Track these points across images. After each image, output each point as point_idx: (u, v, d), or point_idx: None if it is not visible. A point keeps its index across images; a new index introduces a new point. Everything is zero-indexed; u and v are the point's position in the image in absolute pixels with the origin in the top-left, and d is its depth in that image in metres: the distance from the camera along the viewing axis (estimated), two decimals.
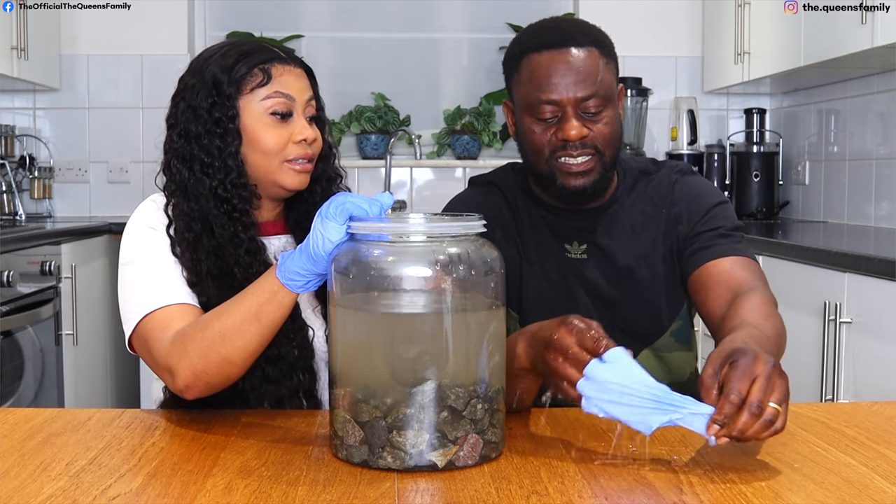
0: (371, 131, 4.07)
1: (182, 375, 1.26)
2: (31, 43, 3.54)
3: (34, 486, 1.02)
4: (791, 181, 3.97)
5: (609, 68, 1.49)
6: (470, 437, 1.07)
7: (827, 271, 2.48)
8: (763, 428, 1.03)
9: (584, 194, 1.51)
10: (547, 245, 1.57)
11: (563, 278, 1.56)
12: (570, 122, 1.46)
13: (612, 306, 1.55)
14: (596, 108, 1.47)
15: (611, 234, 1.56)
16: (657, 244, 1.56)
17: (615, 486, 1.03)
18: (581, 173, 1.49)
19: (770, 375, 1.06)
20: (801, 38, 3.23)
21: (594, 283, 1.55)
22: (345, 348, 1.12)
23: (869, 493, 1.01)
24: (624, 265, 1.55)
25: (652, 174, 1.60)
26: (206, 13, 4.18)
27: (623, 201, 1.58)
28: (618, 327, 1.53)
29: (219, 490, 1.01)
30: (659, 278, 1.55)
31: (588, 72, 1.47)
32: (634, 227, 1.57)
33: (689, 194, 1.57)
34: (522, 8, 4.18)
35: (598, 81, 1.47)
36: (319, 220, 1.14)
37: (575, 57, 1.47)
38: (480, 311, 1.10)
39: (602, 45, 1.50)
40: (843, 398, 2.42)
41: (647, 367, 1.52)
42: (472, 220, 1.12)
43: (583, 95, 1.46)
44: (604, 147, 1.49)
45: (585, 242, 1.56)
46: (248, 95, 1.42)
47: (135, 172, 4.06)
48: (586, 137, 1.47)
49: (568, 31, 1.51)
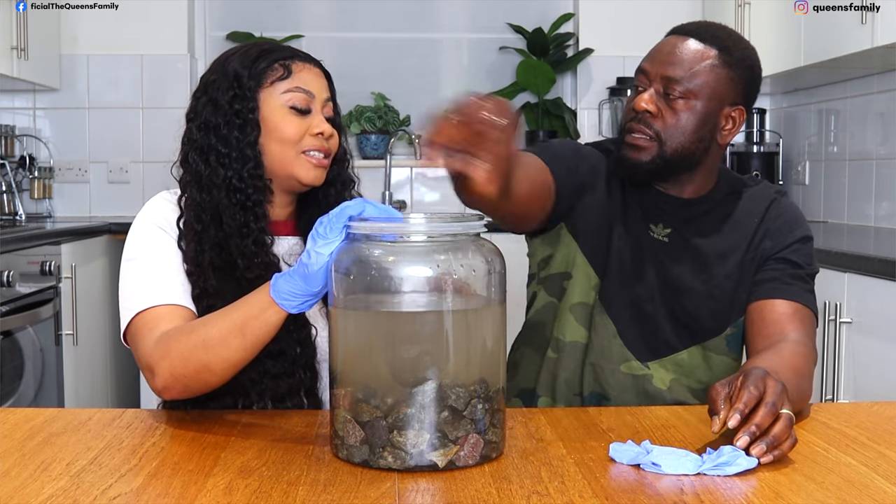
0: (371, 131, 4.07)
1: (161, 375, 1.28)
2: (31, 43, 3.54)
3: (35, 486, 1.02)
4: (791, 181, 3.97)
5: (718, 73, 1.50)
6: (470, 437, 1.07)
7: (827, 271, 2.47)
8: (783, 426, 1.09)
9: (634, 169, 1.53)
10: (634, 220, 1.58)
11: (640, 253, 1.57)
12: (646, 93, 1.51)
13: (679, 294, 1.56)
14: (677, 95, 1.49)
15: (697, 225, 1.58)
16: (739, 249, 1.57)
17: (615, 486, 1.03)
18: (634, 147, 1.52)
19: (780, 392, 1.13)
20: (801, 38, 3.23)
21: (667, 268, 1.57)
22: (345, 348, 1.12)
23: (869, 493, 1.01)
24: (702, 258, 1.57)
25: (751, 186, 1.64)
26: (206, 13, 4.18)
27: (718, 200, 1.60)
28: (677, 316, 1.56)
29: (219, 490, 1.01)
30: (731, 281, 1.56)
31: (689, 60, 1.50)
32: (723, 226, 1.59)
33: (783, 216, 1.59)
34: (522, 8, 4.18)
35: (692, 73, 1.49)
36: (311, 239, 1.15)
37: (687, 44, 1.51)
38: (481, 310, 1.10)
39: (726, 52, 1.51)
40: (843, 398, 2.42)
41: (691, 363, 1.57)
42: (471, 220, 1.12)
43: (669, 75, 1.49)
44: (666, 136, 1.50)
45: (670, 227, 1.58)
46: (268, 89, 1.44)
47: (135, 172, 4.06)
48: (654, 117, 1.50)
49: (703, 26, 1.55)
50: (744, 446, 1.07)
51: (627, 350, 1.56)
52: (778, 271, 1.54)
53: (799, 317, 1.50)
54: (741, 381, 1.14)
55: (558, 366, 1.59)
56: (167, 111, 4.01)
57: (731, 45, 1.52)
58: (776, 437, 1.08)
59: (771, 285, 1.53)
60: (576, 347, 1.59)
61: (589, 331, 1.58)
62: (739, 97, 1.54)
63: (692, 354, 1.57)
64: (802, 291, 1.53)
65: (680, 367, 1.56)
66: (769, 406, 1.10)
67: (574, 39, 4.18)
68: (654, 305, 1.56)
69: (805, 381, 1.37)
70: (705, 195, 1.60)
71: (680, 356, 1.57)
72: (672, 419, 1.30)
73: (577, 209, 1.58)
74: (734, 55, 1.52)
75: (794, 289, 1.53)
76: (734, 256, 1.57)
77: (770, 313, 1.51)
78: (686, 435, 1.22)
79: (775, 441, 1.08)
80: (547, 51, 4.07)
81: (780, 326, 1.49)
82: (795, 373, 1.33)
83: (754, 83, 1.57)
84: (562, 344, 1.59)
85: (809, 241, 1.59)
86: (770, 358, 1.35)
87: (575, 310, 1.59)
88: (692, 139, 1.51)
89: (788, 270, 1.54)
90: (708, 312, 1.56)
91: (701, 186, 1.59)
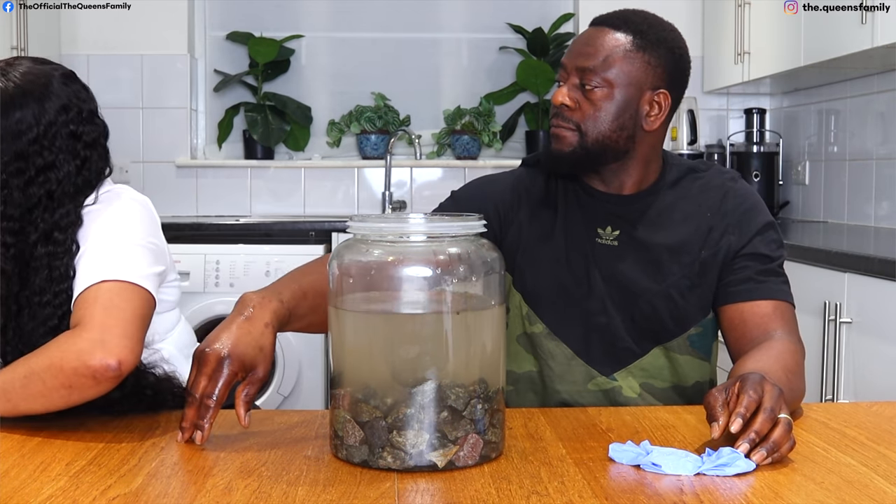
0: (371, 131, 4.07)
1: None
2: (31, 43, 3.53)
3: (34, 486, 1.02)
4: (791, 181, 3.97)
5: (633, 58, 1.48)
6: (470, 437, 1.07)
7: (827, 271, 2.48)
8: (783, 431, 1.10)
9: (560, 161, 1.52)
10: (576, 229, 1.56)
11: (584, 264, 1.54)
12: (563, 86, 1.51)
13: (634, 297, 1.53)
14: (592, 85, 1.48)
15: (646, 223, 1.55)
16: (694, 244, 1.53)
17: (615, 486, 1.03)
18: (556, 137, 1.52)
19: (778, 396, 1.13)
20: (801, 38, 3.22)
21: (619, 272, 1.53)
22: (345, 348, 1.12)
23: (869, 493, 1.01)
24: (655, 257, 1.53)
25: (700, 173, 1.59)
26: (206, 13, 4.18)
27: (665, 193, 1.57)
28: (635, 321, 1.53)
29: (219, 490, 1.01)
30: (689, 279, 1.52)
31: (602, 48, 1.48)
32: (673, 221, 1.55)
33: (740, 206, 1.55)
34: (522, 8, 4.18)
35: (605, 61, 1.47)
36: None
37: (600, 33, 1.50)
38: (480, 311, 1.10)
39: (640, 36, 1.49)
40: (843, 398, 2.42)
41: (655, 365, 1.54)
42: (471, 220, 1.12)
43: (583, 66, 1.48)
44: (585, 127, 1.49)
45: (619, 229, 1.55)
46: None
47: (135, 172, 4.05)
48: (573, 110, 1.49)
49: (618, 15, 1.53)
50: (744, 453, 1.07)
51: (590, 367, 1.53)
52: (749, 269, 1.51)
53: (779, 313, 1.49)
54: (739, 387, 1.14)
55: (516, 396, 1.58)
56: (167, 111, 4.01)
57: (645, 29, 1.50)
58: (776, 443, 1.08)
59: (746, 287, 1.50)
60: (529, 377, 1.57)
61: (537, 358, 1.56)
62: (661, 81, 1.51)
63: (655, 356, 1.54)
64: (778, 286, 1.51)
65: (645, 371, 1.54)
66: (768, 412, 1.10)
67: None
68: (607, 316, 1.53)
69: (797, 378, 1.37)
70: (649, 187, 1.56)
71: (644, 360, 1.53)
72: (672, 419, 1.30)
73: (504, 247, 1.55)
74: (648, 38, 1.49)
75: (769, 286, 1.50)
76: (689, 252, 1.53)
77: (751, 316, 1.49)
78: (686, 435, 1.22)
79: (775, 447, 1.08)
80: (547, 51, 4.07)
81: (763, 328, 1.47)
82: (787, 372, 1.32)
83: (677, 65, 1.53)
84: (515, 375, 1.58)
85: (771, 226, 1.56)
86: (760, 359, 1.34)
87: (519, 340, 1.57)
88: (612, 127, 1.49)
89: (759, 267, 1.51)
90: (667, 313, 1.52)
91: (641, 178, 1.55)
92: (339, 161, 4.15)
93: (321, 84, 4.19)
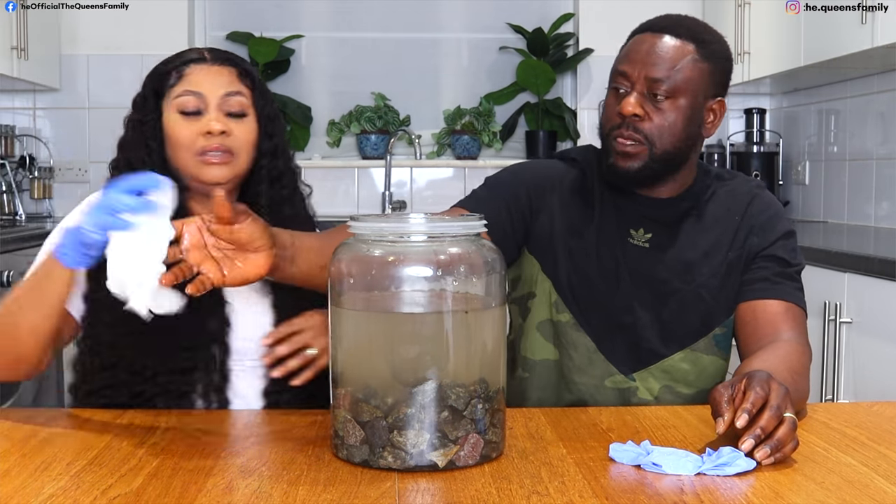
0: (371, 131, 4.07)
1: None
2: (31, 43, 3.53)
3: (35, 486, 1.02)
4: (791, 181, 3.97)
5: (698, 68, 1.48)
6: (470, 437, 1.07)
7: (827, 271, 2.48)
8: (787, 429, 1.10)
9: (627, 177, 1.51)
10: (608, 227, 1.56)
11: (614, 263, 1.54)
12: (631, 97, 1.48)
13: (664, 299, 1.54)
14: (662, 95, 1.47)
15: (679, 227, 1.56)
16: (723, 245, 1.55)
17: (615, 486, 1.03)
18: (625, 154, 1.49)
19: (784, 395, 1.13)
20: (801, 38, 3.22)
21: (650, 273, 1.54)
22: (345, 348, 1.12)
23: (869, 493, 1.01)
24: (687, 259, 1.54)
25: (727, 180, 1.62)
26: (206, 13, 4.18)
27: (698, 198, 1.58)
28: (664, 321, 1.53)
29: (219, 490, 1.01)
30: (717, 279, 1.54)
31: (669, 58, 1.48)
32: (705, 224, 1.57)
33: (766, 212, 1.58)
34: (522, 8, 4.18)
35: (675, 70, 1.47)
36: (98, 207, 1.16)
37: (664, 42, 1.49)
38: (481, 310, 1.10)
39: (702, 45, 1.50)
40: (843, 398, 2.42)
41: (679, 368, 1.54)
42: (472, 220, 1.12)
43: (652, 76, 1.47)
44: (655, 138, 1.48)
45: (651, 231, 1.56)
46: (165, 99, 1.48)
47: None
48: (641, 121, 1.48)
49: (675, 21, 1.53)
50: (748, 449, 1.08)
51: (610, 364, 1.54)
52: (767, 270, 1.53)
53: (791, 315, 1.50)
54: (745, 384, 1.14)
55: (530, 384, 1.58)
56: None
57: (707, 38, 1.51)
58: (780, 441, 1.09)
59: (761, 285, 1.52)
60: (546, 365, 1.57)
61: (559, 347, 1.56)
62: (719, 88, 1.53)
63: (679, 359, 1.54)
64: (792, 290, 1.52)
65: (668, 374, 1.54)
66: (773, 409, 1.10)
67: (574, 39, 4.17)
68: (633, 316, 1.53)
69: (802, 380, 1.37)
70: (683, 192, 1.58)
71: (667, 362, 1.54)
72: (672, 419, 1.30)
73: (534, 231, 1.56)
74: (711, 48, 1.51)
75: (784, 287, 1.52)
76: (718, 254, 1.55)
77: (763, 314, 1.50)
78: (686, 435, 1.22)
79: (779, 445, 1.09)
80: (547, 51, 4.07)
81: (773, 327, 1.49)
82: (793, 372, 1.33)
83: (729, 73, 1.56)
84: (531, 363, 1.58)
85: (793, 235, 1.58)
86: (767, 359, 1.35)
87: (541, 328, 1.57)
88: (681, 137, 1.50)
89: (777, 269, 1.53)
90: (696, 314, 1.54)
91: (681, 184, 1.57)
92: (339, 161, 4.14)
93: (321, 84, 4.19)
